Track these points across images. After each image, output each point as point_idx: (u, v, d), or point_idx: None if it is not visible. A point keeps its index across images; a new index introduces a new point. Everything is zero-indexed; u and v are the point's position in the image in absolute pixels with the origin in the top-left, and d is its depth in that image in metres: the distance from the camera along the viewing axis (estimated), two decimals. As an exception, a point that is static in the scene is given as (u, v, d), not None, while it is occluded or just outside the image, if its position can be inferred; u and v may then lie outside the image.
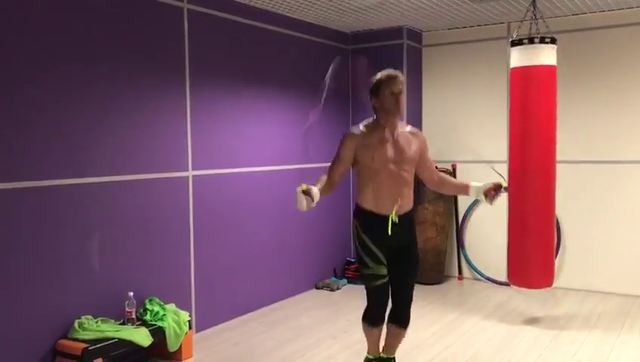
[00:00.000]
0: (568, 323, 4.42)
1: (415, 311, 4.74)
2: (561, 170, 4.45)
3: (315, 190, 2.91)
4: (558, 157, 4.33)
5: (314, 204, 2.89)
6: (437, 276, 5.68)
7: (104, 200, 3.59)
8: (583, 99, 5.25)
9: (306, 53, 5.34)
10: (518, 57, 4.17)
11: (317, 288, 5.47)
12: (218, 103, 4.39)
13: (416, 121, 5.95)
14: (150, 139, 3.87)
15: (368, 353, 3.38)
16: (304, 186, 2.86)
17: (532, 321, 4.46)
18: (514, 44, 4.19)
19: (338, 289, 5.42)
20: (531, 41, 4.07)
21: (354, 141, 3.10)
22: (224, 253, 4.46)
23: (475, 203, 5.77)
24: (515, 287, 4.45)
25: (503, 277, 5.59)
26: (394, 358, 3.38)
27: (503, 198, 5.52)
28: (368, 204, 3.12)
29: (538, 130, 4.15)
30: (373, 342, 3.32)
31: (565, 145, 5.08)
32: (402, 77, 3.10)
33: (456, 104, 5.87)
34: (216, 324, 4.40)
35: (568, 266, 5.39)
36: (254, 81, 4.74)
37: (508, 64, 4.46)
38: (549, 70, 4.12)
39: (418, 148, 3.19)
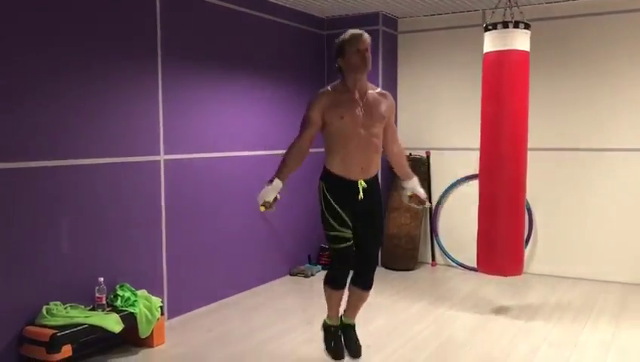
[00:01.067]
0: (539, 308, 4.47)
1: (389, 296, 4.80)
2: (532, 157, 4.49)
3: (271, 195, 2.96)
4: (530, 145, 4.35)
5: (279, 197, 2.94)
6: (411, 262, 5.71)
7: (74, 183, 3.50)
8: (554, 87, 5.30)
9: (282, 38, 5.27)
10: (491, 42, 4.18)
11: (291, 274, 5.45)
12: (191, 86, 4.31)
13: (391, 107, 5.93)
14: (121, 122, 3.78)
15: (328, 317, 3.35)
16: (262, 209, 2.94)
17: (504, 306, 4.51)
18: (487, 28, 4.20)
19: (312, 275, 5.41)
20: (505, 25, 4.08)
21: (323, 100, 3.03)
22: (197, 238, 4.40)
23: (449, 190, 5.79)
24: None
25: (475, 263, 5.63)
26: (354, 325, 3.36)
27: (475, 185, 5.56)
28: (335, 168, 3.08)
29: (510, 114, 4.15)
30: (334, 306, 3.30)
31: (536, 133, 5.12)
32: (367, 35, 3.05)
33: (431, 91, 5.87)
34: (189, 311, 4.35)
35: (540, 253, 5.46)
36: (229, 64, 4.66)
37: (482, 51, 4.47)
38: (522, 55, 4.13)
39: (387, 110, 3.15)
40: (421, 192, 3.33)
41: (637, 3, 4.95)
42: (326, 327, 3.38)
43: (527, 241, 5.35)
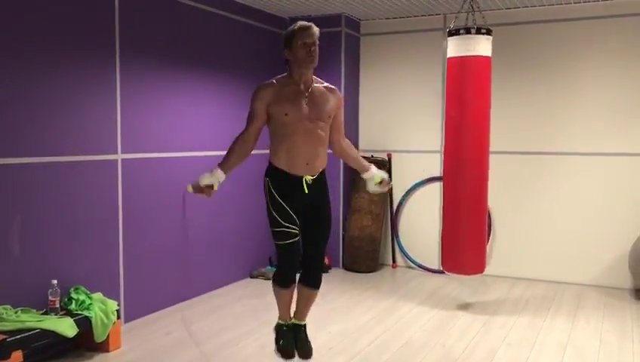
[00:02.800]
0: (498, 308, 4.54)
1: (351, 298, 4.79)
2: (493, 160, 4.55)
3: (205, 180, 2.93)
4: (491, 148, 4.41)
5: (216, 187, 2.88)
6: (372, 264, 5.72)
7: (26, 182, 3.36)
8: (513, 92, 5.40)
9: (243, 36, 5.21)
10: (454, 47, 4.22)
11: (252, 277, 5.39)
12: (150, 84, 4.22)
13: (353, 110, 5.94)
14: (77, 120, 3.66)
15: (279, 319, 3.31)
16: (189, 188, 2.88)
17: (464, 307, 4.55)
18: (451, 34, 4.24)
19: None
20: (468, 31, 4.13)
21: (266, 94, 2.97)
22: (155, 240, 4.30)
23: (410, 192, 5.83)
24: (448, 274, 4.53)
25: (435, 265, 5.69)
26: (305, 325, 3.32)
27: (436, 188, 5.61)
28: (281, 163, 3.02)
29: (473, 119, 4.23)
30: (284, 306, 3.26)
31: (497, 136, 5.21)
32: (316, 28, 2.99)
33: (393, 94, 5.90)
34: (146, 314, 4.25)
35: (497, 254, 5.54)
36: (188, 62, 4.58)
37: (444, 55, 4.53)
38: (485, 61, 4.20)
39: (334, 105, 3.09)
40: (384, 174, 3.28)
41: (595, 11, 5.08)
42: (277, 328, 3.33)
43: (486, 243, 5.42)
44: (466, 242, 4.33)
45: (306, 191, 3.02)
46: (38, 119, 3.43)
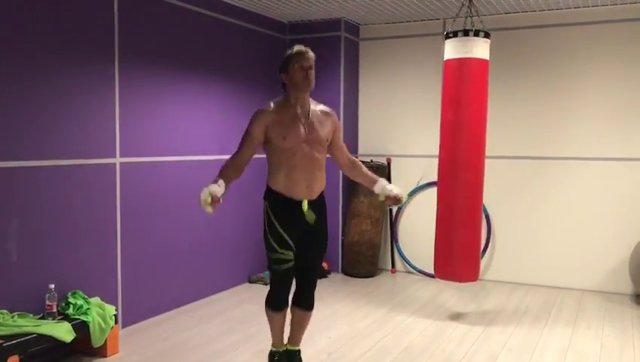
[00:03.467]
0: (498, 314, 4.51)
1: (349, 303, 4.77)
2: (491, 166, 4.54)
3: (219, 191, 2.78)
4: (488, 153, 4.40)
5: (221, 202, 2.78)
6: (371, 269, 5.69)
7: (24, 185, 3.34)
8: (512, 96, 5.40)
9: (243, 41, 5.21)
10: (452, 49, 4.21)
11: (250, 282, 5.36)
12: (149, 88, 4.21)
13: (353, 114, 5.94)
14: (76, 123, 3.65)
15: (273, 346, 3.30)
16: (209, 199, 2.72)
17: (464, 313, 4.53)
18: (448, 36, 4.23)
19: (272, 282, 5.33)
20: (466, 33, 4.12)
21: (265, 118, 2.97)
22: (153, 244, 4.28)
23: (410, 196, 5.82)
24: (441, 281, 4.48)
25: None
26: (299, 351, 3.31)
27: (435, 192, 5.60)
28: (279, 187, 3.02)
29: (469, 122, 4.19)
30: (277, 330, 3.24)
31: (495, 141, 5.21)
32: (312, 53, 3.01)
33: (391, 99, 5.90)
34: (144, 319, 4.22)
35: (497, 260, 5.52)
36: (188, 66, 4.57)
37: (443, 60, 4.51)
38: (482, 64, 4.18)
39: (331, 128, 3.11)
40: (393, 192, 3.16)
41: (592, 16, 5.08)
42: (270, 356, 3.31)
43: (485, 248, 5.41)
44: (459, 248, 4.24)
45: (305, 217, 3.01)
46: (37, 123, 3.41)
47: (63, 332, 3.21)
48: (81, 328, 3.35)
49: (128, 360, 3.52)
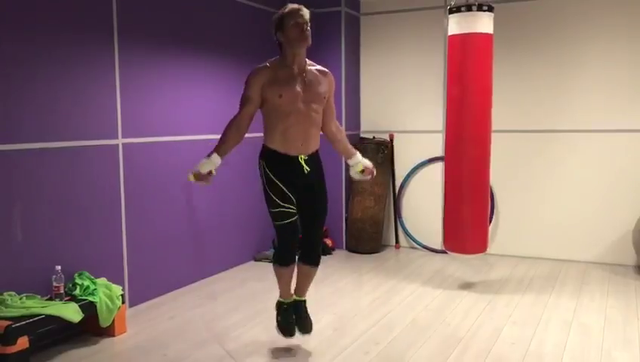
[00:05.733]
0: (502, 287, 4.53)
1: (354, 279, 4.80)
2: (495, 139, 4.53)
3: (205, 167, 2.92)
4: (493, 127, 4.39)
5: (214, 172, 2.87)
6: (375, 245, 5.71)
7: (28, 168, 3.34)
8: (517, 70, 5.35)
9: (242, 19, 5.15)
10: (455, 24, 4.17)
11: (255, 260, 5.39)
12: (149, 68, 4.18)
13: (354, 90, 5.90)
14: (76, 104, 3.63)
15: (280, 296, 3.35)
16: (191, 177, 2.87)
17: (468, 286, 4.55)
18: (452, 11, 4.19)
19: (277, 260, 5.35)
20: (469, 8, 4.08)
21: (261, 77, 2.99)
22: (158, 224, 4.29)
23: (413, 172, 5.81)
24: (450, 254, 4.53)
25: (438, 245, 5.68)
26: (305, 301, 3.37)
27: (438, 168, 5.59)
28: (275, 144, 3.05)
29: (474, 97, 4.19)
30: (284, 284, 3.30)
31: (499, 115, 5.17)
32: (306, 10, 3.00)
33: (394, 74, 5.85)
34: (150, 298, 4.25)
35: (501, 233, 5.53)
36: (188, 45, 4.53)
37: (445, 34, 4.46)
38: (486, 38, 4.15)
39: (328, 88, 3.13)
40: (368, 163, 3.33)
41: (595, -14, 5.02)
42: (278, 306, 3.37)
43: (489, 222, 5.41)
44: (467, 222, 4.31)
45: (303, 170, 3.05)
46: (38, 105, 3.39)
47: (71, 312, 3.24)
48: (89, 308, 3.37)
49: (136, 339, 3.55)
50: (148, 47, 4.15)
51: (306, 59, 3.08)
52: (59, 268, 3.37)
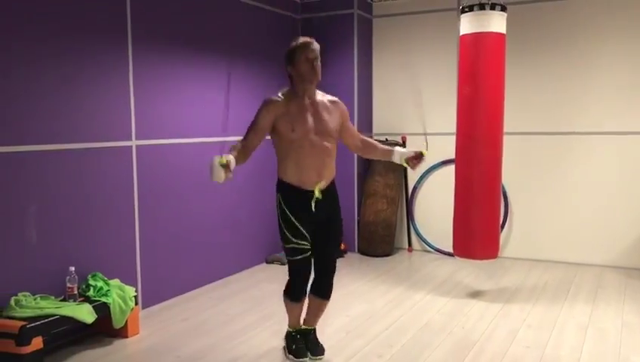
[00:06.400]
0: (517, 290, 4.49)
1: (367, 282, 4.77)
2: (508, 141, 4.49)
3: (233, 161, 2.77)
4: (506, 129, 4.34)
5: (231, 176, 2.75)
6: (387, 248, 5.69)
7: (42, 169, 3.36)
8: (529, 71, 5.31)
9: (255, 21, 5.16)
10: (468, 24, 4.14)
11: (267, 262, 5.38)
12: (163, 70, 4.19)
13: (366, 93, 5.89)
14: (91, 106, 3.65)
15: (289, 326, 3.35)
16: (223, 160, 2.70)
17: (482, 290, 4.51)
18: (464, 10, 4.16)
19: (289, 263, 5.34)
20: (482, 7, 4.05)
21: (274, 109, 2.98)
22: (171, 226, 4.29)
23: (426, 175, 5.78)
24: (459, 259, 4.47)
25: (451, 248, 5.64)
26: (314, 329, 3.35)
27: (452, 170, 5.57)
28: (290, 178, 3.04)
29: (486, 97, 4.13)
30: (294, 317, 3.31)
31: (512, 117, 5.14)
32: (317, 44, 3.01)
33: (406, 76, 5.83)
34: (163, 300, 4.25)
35: (515, 236, 5.48)
36: (202, 47, 4.54)
37: (458, 36, 4.44)
38: (499, 38, 4.11)
39: (339, 118, 3.12)
40: (409, 153, 3.15)
41: (610, -13, 4.98)
42: (287, 335, 3.37)
43: (502, 225, 5.37)
44: (477, 226, 4.21)
45: (317, 206, 3.02)
46: (53, 107, 3.41)
47: (85, 313, 3.25)
48: (102, 309, 3.38)
49: (149, 340, 3.55)
50: (161, 49, 4.17)
51: (317, 90, 3.09)
52: (73, 269, 3.38)
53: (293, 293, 3.20)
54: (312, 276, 3.22)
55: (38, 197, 3.35)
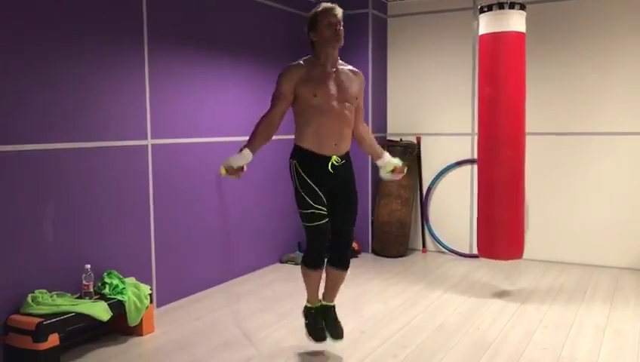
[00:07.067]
0: (533, 292, 4.45)
1: (381, 282, 4.76)
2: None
3: (237, 161, 2.88)
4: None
5: (246, 168, 2.83)
6: (401, 249, 5.66)
7: (59, 168, 3.38)
8: (548, 71, 5.26)
9: (270, 21, 5.17)
10: (487, 23, 4.12)
11: (281, 262, 5.38)
12: (178, 69, 4.21)
13: (381, 93, 5.87)
14: (107, 106, 3.67)
15: (308, 301, 3.31)
16: (222, 171, 2.82)
17: (497, 291, 4.48)
18: (483, 10, 4.14)
19: (303, 262, 5.34)
20: (501, 6, 4.03)
21: (295, 74, 2.97)
22: (186, 225, 4.31)
23: (440, 176, 5.75)
24: (483, 259, 4.44)
25: (466, 249, 5.62)
26: (334, 306, 3.32)
27: (467, 171, 5.54)
28: (308, 144, 3.02)
29: (507, 97, 4.11)
30: (313, 288, 3.25)
31: (529, 117, 5.08)
32: (339, 9, 3.01)
33: (421, 76, 5.81)
34: (178, 298, 4.27)
35: (531, 238, 5.43)
36: (216, 47, 4.55)
37: (474, 35, 4.42)
38: (518, 37, 4.08)
39: (359, 88, 3.12)
40: (397, 162, 3.29)
41: (628, -15, 4.92)
42: (306, 312, 3.33)
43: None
44: (502, 227, 4.20)
45: (334, 172, 3.02)
46: (68, 106, 3.44)
47: (100, 311, 3.27)
48: (118, 307, 3.39)
49: (164, 338, 3.57)
50: (177, 48, 4.18)
51: (339, 59, 3.08)
52: (88, 266, 3.40)
53: (311, 260, 3.16)
54: (329, 247, 3.19)
55: (55, 195, 3.38)
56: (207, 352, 3.35)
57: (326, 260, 3.22)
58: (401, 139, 5.78)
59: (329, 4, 3.01)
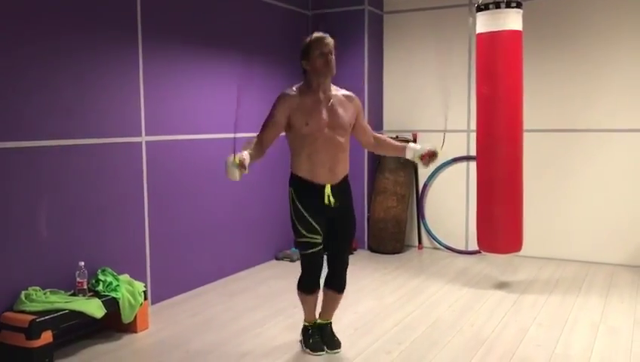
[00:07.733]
0: (528, 288, 4.45)
1: (377, 278, 4.76)
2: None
3: (247, 158, 2.75)
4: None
5: (246, 171, 2.75)
6: (397, 245, 5.66)
7: (52, 165, 3.37)
8: (543, 68, 5.25)
9: (266, 17, 5.15)
10: (484, 22, 4.13)
11: (277, 259, 5.38)
12: (173, 66, 4.19)
13: (377, 89, 5.87)
14: (101, 103, 3.66)
15: (305, 321, 3.36)
16: (236, 160, 2.69)
17: (492, 287, 4.48)
18: (480, 9, 4.14)
19: (298, 259, 5.33)
20: (497, 5, 4.02)
21: (289, 103, 3.00)
22: (181, 222, 4.30)
23: (436, 172, 5.75)
24: (480, 254, 4.47)
25: (462, 245, 5.62)
26: (330, 323, 3.36)
27: (463, 168, 5.55)
28: (303, 172, 3.05)
29: (505, 95, 4.14)
30: (309, 310, 3.32)
31: (526, 114, 5.08)
32: (331, 39, 3.03)
33: (417, 73, 5.80)
34: (173, 295, 4.26)
35: (527, 234, 5.40)
36: (212, 43, 4.54)
37: (469, 32, 4.41)
38: (516, 35, 4.09)
39: (353, 113, 3.14)
40: (422, 149, 3.16)
41: (624, -18, 4.91)
42: (304, 330, 3.37)
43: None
44: (501, 221, 4.26)
45: (331, 201, 3.03)
46: (63, 103, 3.43)
47: (94, 308, 3.26)
48: (112, 304, 3.39)
49: (158, 335, 3.56)
50: (171, 46, 4.17)
51: (332, 85, 3.10)
52: (82, 263, 3.39)
53: (305, 286, 3.22)
54: (326, 270, 3.23)
55: (48, 191, 3.36)
56: (202, 349, 3.35)
57: (323, 281, 3.26)
58: (397, 136, 5.76)
59: (321, 34, 3.03)
